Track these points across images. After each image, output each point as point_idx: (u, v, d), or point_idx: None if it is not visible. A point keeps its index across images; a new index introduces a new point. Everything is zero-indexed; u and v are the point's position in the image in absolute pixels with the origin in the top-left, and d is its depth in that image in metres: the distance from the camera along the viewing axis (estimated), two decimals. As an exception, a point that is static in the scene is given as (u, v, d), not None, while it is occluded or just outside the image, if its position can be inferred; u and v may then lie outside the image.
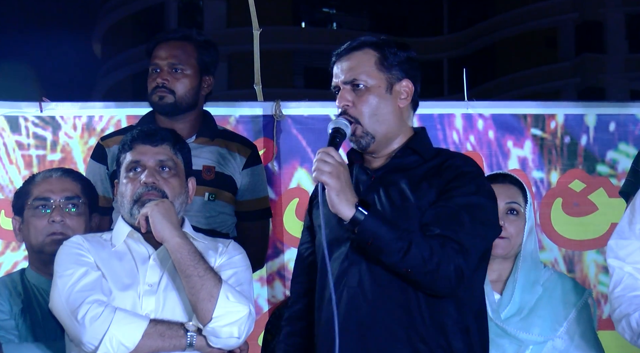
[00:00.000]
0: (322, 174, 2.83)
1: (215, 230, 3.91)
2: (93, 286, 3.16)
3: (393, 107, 3.05)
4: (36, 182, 3.64)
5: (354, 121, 3.00)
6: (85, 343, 3.09)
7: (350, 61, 3.05)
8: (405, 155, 3.05)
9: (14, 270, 4.32)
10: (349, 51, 3.07)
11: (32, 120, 4.71)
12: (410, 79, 3.07)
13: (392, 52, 3.06)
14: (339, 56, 3.09)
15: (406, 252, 2.82)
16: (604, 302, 4.56)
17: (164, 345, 3.11)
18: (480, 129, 4.74)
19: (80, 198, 3.62)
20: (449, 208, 2.91)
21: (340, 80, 3.05)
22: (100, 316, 3.08)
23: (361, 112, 3.00)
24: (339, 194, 2.83)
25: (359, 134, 3.01)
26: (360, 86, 3.02)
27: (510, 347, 3.41)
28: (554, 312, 3.44)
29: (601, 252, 4.62)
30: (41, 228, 3.56)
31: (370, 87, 3.02)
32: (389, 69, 3.05)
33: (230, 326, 3.12)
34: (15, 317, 3.50)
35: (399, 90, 3.05)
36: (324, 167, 2.84)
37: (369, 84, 3.02)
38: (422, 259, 2.82)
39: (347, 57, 3.06)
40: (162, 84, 4.00)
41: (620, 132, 4.72)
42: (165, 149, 3.31)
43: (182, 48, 4.07)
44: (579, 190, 4.70)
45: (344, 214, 2.84)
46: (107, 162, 4.06)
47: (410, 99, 3.08)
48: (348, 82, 3.03)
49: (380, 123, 3.02)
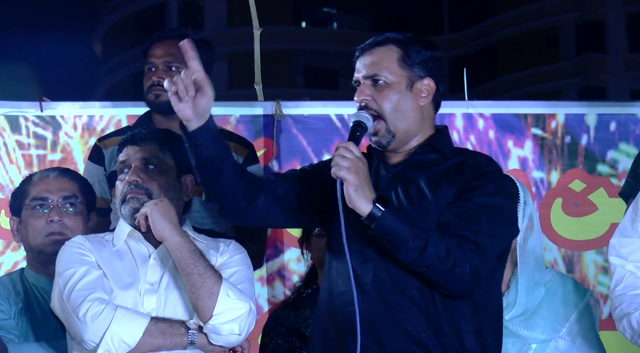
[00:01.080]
0: (340, 169, 2.81)
1: (213, 230, 3.90)
2: (94, 284, 3.17)
3: (414, 104, 3.02)
4: (33, 182, 3.64)
5: (377, 115, 2.98)
6: (86, 341, 3.10)
7: (373, 56, 3.03)
8: (425, 153, 3.03)
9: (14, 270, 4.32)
10: (372, 46, 3.06)
11: (33, 119, 4.71)
12: (433, 78, 3.05)
13: (415, 49, 3.04)
14: (362, 51, 3.06)
15: (422, 251, 2.80)
16: (604, 302, 4.55)
17: (165, 342, 3.12)
18: (480, 129, 4.74)
19: (78, 198, 3.62)
20: (468, 208, 2.89)
21: (361, 74, 3.03)
22: (102, 314, 3.09)
23: (382, 107, 2.98)
24: (357, 190, 2.81)
25: (381, 133, 2.99)
26: (381, 82, 3.00)
27: (513, 347, 3.41)
28: (556, 312, 3.44)
29: (601, 253, 4.62)
30: (39, 228, 3.56)
31: (390, 83, 3.00)
32: (411, 66, 3.02)
33: (230, 323, 3.13)
34: (15, 316, 3.50)
35: (420, 88, 3.03)
36: (342, 162, 2.81)
37: (389, 80, 3.00)
38: (438, 258, 2.81)
39: (370, 52, 3.05)
40: (158, 82, 4.00)
41: (620, 131, 4.71)
42: (150, 147, 3.33)
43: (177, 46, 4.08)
44: (579, 190, 4.70)
45: (362, 210, 2.81)
46: (104, 163, 4.07)
47: (431, 98, 3.05)
48: (369, 77, 3.01)
49: (402, 120, 3.00)
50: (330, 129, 4.71)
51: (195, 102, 2.87)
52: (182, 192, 3.36)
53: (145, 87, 4.06)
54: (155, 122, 4.05)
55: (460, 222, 2.87)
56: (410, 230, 2.81)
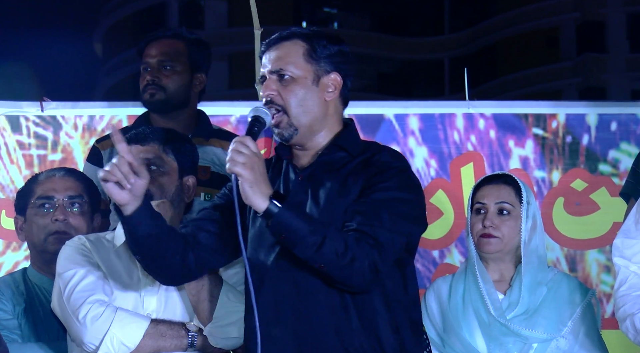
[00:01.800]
0: (235, 164, 2.73)
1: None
2: (94, 286, 3.16)
3: (319, 99, 2.98)
4: (39, 181, 3.64)
5: (281, 110, 2.95)
6: (86, 343, 3.10)
7: (279, 51, 3.00)
8: (332, 152, 2.99)
9: (14, 270, 4.32)
10: (278, 41, 3.02)
11: (33, 119, 4.71)
12: (340, 73, 3.01)
13: (322, 44, 3.00)
14: (268, 46, 3.03)
15: (320, 247, 2.75)
16: (607, 301, 4.55)
17: (165, 345, 3.12)
18: (481, 129, 4.74)
19: (83, 198, 3.62)
20: (368, 203, 2.85)
21: (267, 69, 3.00)
22: (102, 316, 3.09)
23: (287, 101, 2.95)
24: (252, 186, 2.74)
25: (283, 125, 2.95)
26: (286, 76, 2.96)
27: (515, 346, 3.41)
28: (558, 312, 3.44)
29: (603, 252, 4.62)
30: (44, 226, 3.56)
31: (296, 78, 2.96)
32: (317, 61, 2.98)
33: (230, 326, 3.13)
34: (18, 316, 3.50)
35: (326, 83, 2.99)
36: (238, 157, 2.74)
37: (295, 74, 2.96)
38: (336, 254, 2.76)
39: (276, 47, 3.01)
40: (153, 81, 4.02)
41: (622, 131, 4.71)
42: (154, 148, 3.31)
43: (171, 46, 4.09)
44: (581, 190, 4.69)
45: (258, 206, 2.75)
46: (102, 164, 4.06)
47: (338, 93, 3.01)
48: (274, 72, 2.98)
49: (306, 114, 2.96)
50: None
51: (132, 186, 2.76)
52: (184, 193, 3.34)
53: (141, 87, 4.07)
54: (154, 123, 4.05)
55: (360, 217, 2.82)
56: (307, 226, 2.76)
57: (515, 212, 3.51)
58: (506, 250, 3.51)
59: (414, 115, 4.72)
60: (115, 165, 2.73)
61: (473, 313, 3.46)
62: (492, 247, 3.49)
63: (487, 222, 3.49)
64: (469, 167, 4.69)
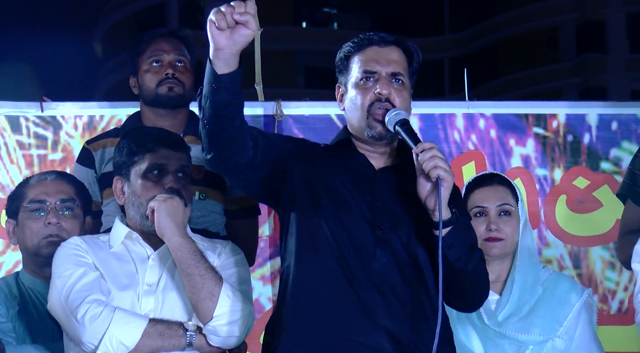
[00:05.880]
0: (442, 169, 2.78)
1: (207, 230, 3.90)
2: (92, 286, 3.16)
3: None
4: (31, 184, 3.64)
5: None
6: (85, 343, 3.09)
7: (395, 54, 3.07)
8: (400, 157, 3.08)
9: (15, 269, 4.32)
10: (392, 43, 3.09)
11: (33, 119, 4.71)
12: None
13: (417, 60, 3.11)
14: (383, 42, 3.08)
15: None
16: (611, 298, 4.56)
17: (163, 344, 3.12)
18: (481, 128, 4.74)
19: (75, 201, 3.62)
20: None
21: (384, 69, 3.03)
22: (100, 315, 3.09)
23: (397, 104, 3.01)
24: (449, 191, 2.81)
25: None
26: (401, 81, 3.04)
27: (510, 347, 3.41)
28: (553, 311, 3.44)
29: (607, 248, 4.63)
30: (37, 230, 3.56)
31: (406, 85, 3.06)
32: (411, 76, 3.10)
33: (231, 325, 3.13)
34: (12, 319, 3.49)
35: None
36: (442, 163, 2.79)
37: (405, 81, 3.06)
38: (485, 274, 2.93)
39: (392, 49, 3.08)
40: (173, 74, 3.98)
41: (622, 130, 4.72)
42: (184, 156, 3.35)
43: (180, 44, 4.08)
44: (583, 187, 4.70)
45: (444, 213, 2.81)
46: (94, 165, 4.05)
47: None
48: (392, 74, 3.03)
49: None
50: (331, 129, 4.69)
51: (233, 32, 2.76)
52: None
53: (154, 81, 3.99)
54: (146, 122, 4.03)
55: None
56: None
57: (514, 212, 3.52)
58: (509, 251, 3.51)
59: (413, 115, 4.70)
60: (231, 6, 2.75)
61: (467, 320, 3.46)
62: (497, 250, 3.50)
63: (493, 225, 3.49)
64: (470, 166, 4.69)
